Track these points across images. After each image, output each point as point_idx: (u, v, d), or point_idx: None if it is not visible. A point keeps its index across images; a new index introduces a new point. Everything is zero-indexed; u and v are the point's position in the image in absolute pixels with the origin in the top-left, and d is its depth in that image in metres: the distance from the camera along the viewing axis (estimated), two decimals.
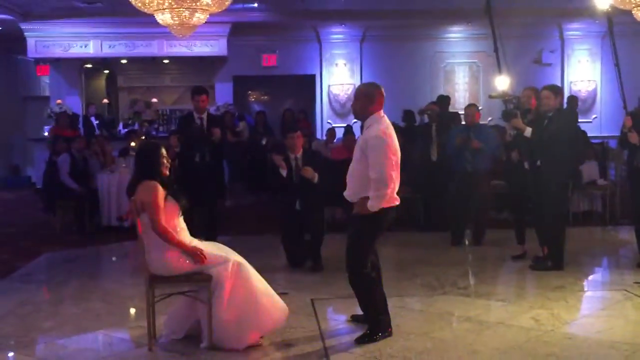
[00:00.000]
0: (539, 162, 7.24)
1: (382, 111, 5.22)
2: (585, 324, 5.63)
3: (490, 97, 8.37)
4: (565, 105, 8.46)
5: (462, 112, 13.10)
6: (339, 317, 5.87)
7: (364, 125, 5.23)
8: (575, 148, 7.66)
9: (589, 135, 11.83)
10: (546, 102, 7.23)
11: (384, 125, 5.14)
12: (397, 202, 5.21)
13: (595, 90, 16.06)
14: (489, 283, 6.90)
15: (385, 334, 5.21)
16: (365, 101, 5.20)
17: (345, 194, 5.27)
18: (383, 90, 5.29)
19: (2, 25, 14.71)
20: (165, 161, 5.19)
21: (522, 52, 14.72)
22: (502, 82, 7.79)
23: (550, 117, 7.18)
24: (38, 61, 15.59)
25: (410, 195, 10.47)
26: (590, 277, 7.34)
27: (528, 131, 7.16)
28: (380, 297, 5.31)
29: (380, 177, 4.98)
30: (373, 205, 5.02)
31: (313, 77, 16.01)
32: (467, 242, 8.93)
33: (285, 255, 7.73)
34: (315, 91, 16.06)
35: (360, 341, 5.10)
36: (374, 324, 5.23)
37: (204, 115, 8.44)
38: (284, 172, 7.55)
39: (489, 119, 14.30)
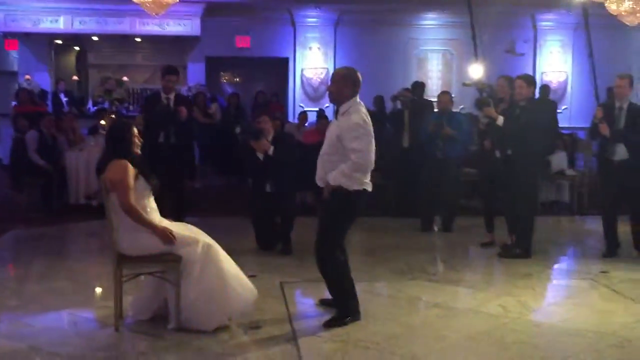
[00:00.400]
0: (509, 151, 7.28)
1: (357, 97, 5.18)
2: (552, 311, 5.68)
3: (464, 84, 8.41)
4: (537, 95, 8.52)
5: (435, 99, 13.21)
6: (308, 300, 5.87)
7: (339, 110, 5.14)
8: (548, 138, 7.70)
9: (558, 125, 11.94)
10: (519, 91, 7.26)
11: (364, 112, 5.10)
12: (370, 189, 5.17)
13: (565, 81, 16.21)
14: (457, 270, 6.94)
15: (354, 319, 5.20)
16: (343, 84, 5.13)
17: (316, 178, 5.24)
18: (360, 76, 5.24)
19: None
20: (136, 140, 5.12)
21: (496, 41, 14.78)
22: (476, 71, 7.82)
23: (522, 107, 7.22)
24: (6, 35, 15.29)
25: (381, 182, 10.49)
26: (557, 266, 7.41)
27: (500, 120, 7.19)
28: (349, 281, 5.29)
29: (363, 162, 4.98)
30: (337, 179, 4.99)
31: (286, 60, 15.94)
32: (436, 229, 8.97)
33: (254, 238, 7.69)
34: (289, 74, 15.99)
35: (329, 325, 5.10)
36: (343, 308, 5.22)
37: (171, 96, 8.22)
38: (261, 156, 7.50)
39: (461, 106, 14.33)
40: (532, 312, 5.58)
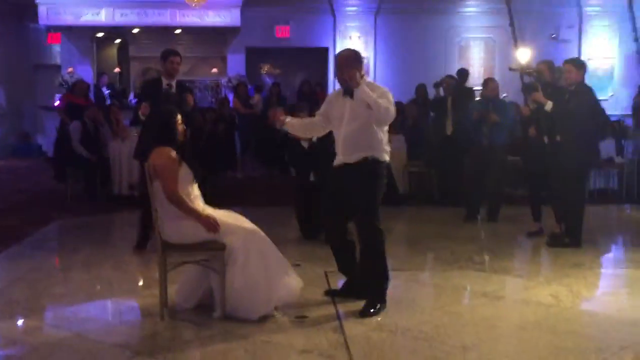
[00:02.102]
0: (558, 137, 7.09)
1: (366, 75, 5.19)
2: (605, 301, 5.52)
3: (510, 69, 8.19)
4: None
5: (477, 87, 13.00)
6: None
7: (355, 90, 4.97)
8: (597, 124, 7.48)
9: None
10: (567, 75, 7.06)
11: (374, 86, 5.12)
12: (388, 159, 5.16)
13: (612, 68, 15.82)
14: (505, 259, 6.79)
15: (384, 305, 5.09)
16: (354, 65, 5.04)
17: (342, 158, 5.12)
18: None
19: None
20: (180, 128, 5.08)
21: (540, 28, 14.52)
22: (523, 55, 7.63)
23: (572, 92, 7.02)
24: (49, 29, 15.45)
25: (423, 170, 10.40)
26: (609, 255, 7.22)
27: (549, 105, 6.99)
28: (385, 260, 5.17)
29: (392, 111, 4.95)
30: (372, 98, 4.88)
31: (326, 49, 15.83)
32: (480, 218, 8.80)
33: (298, 227, 7.63)
34: (328, 64, 15.88)
35: (366, 314, 4.97)
36: (379, 292, 5.11)
37: (173, 82, 7.33)
38: (306, 144, 7.43)
39: (504, 94, 14.09)
40: (584, 301, 5.43)
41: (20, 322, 5.01)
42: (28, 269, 6.37)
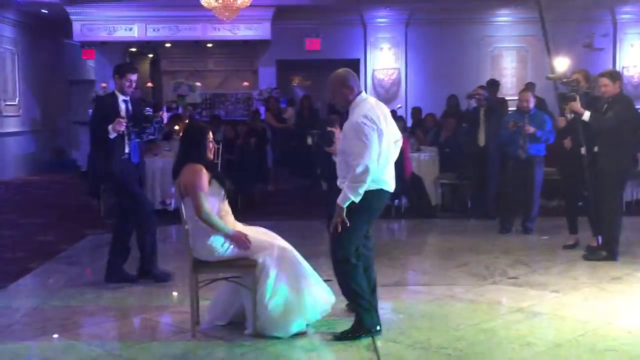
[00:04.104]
0: (596, 149, 6.97)
1: (363, 92, 4.92)
2: None
3: (548, 78, 8.05)
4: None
5: (509, 98, 12.85)
6: (386, 305, 5.67)
7: (350, 111, 4.83)
8: (635, 134, 7.34)
9: None
10: (604, 89, 6.95)
11: (366, 108, 4.76)
12: (390, 188, 4.88)
13: None
14: (540, 273, 6.67)
15: (370, 334, 4.83)
16: (340, 87, 4.84)
17: (338, 181, 4.93)
18: (350, 71, 4.97)
19: (48, 9, 14.83)
20: (210, 145, 5.08)
21: (573, 36, 14.31)
22: (561, 64, 7.50)
23: (609, 102, 6.90)
24: (83, 45, 15.66)
25: (456, 182, 10.30)
26: None
27: (586, 115, 6.87)
28: (363, 291, 4.87)
29: (363, 167, 4.59)
30: (342, 199, 4.65)
31: (357, 61, 15.79)
32: (515, 230, 8.67)
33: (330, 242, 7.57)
34: (360, 76, 15.79)
35: (339, 338, 4.81)
36: (357, 321, 4.88)
37: (128, 98, 6.58)
38: (337, 159, 7.37)
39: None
40: (623, 317, 5.30)
41: (54, 339, 5.03)
42: (62, 285, 6.43)
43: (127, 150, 6.44)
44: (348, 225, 4.70)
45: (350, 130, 4.71)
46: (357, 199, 4.65)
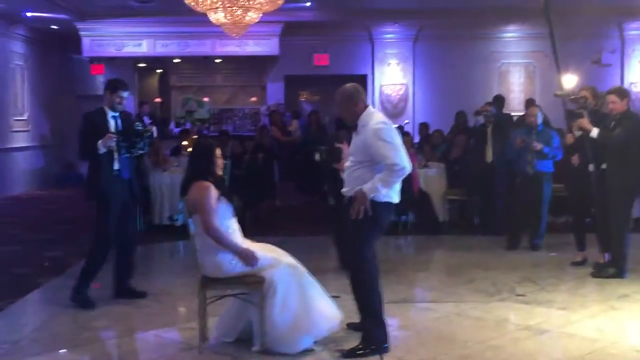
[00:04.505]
0: (604, 165, 6.97)
1: (370, 106, 5.03)
2: None
3: (556, 95, 8.08)
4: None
5: (516, 113, 12.86)
6: (393, 321, 5.66)
7: (359, 125, 4.94)
8: None
9: None
10: (612, 107, 6.96)
11: (381, 115, 4.98)
12: (397, 201, 4.96)
13: None
14: (548, 290, 6.66)
15: (380, 350, 4.83)
16: (350, 103, 4.95)
17: (345, 191, 5.04)
18: (358, 85, 5.09)
19: (58, 24, 14.95)
20: (219, 161, 5.12)
21: (581, 53, 14.31)
22: (569, 81, 7.52)
23: (617, 119, 6.91)
24: (92, 60, 15.76)
25: (464, 198, 10.31)
26: None
27: (594, 132, 6.88)
28: (378, 303, 4.94)
29: (399, 164, 4.72)
30: (374, 188, 4.74)
31: (365, 77, 15.86)
32: (522, 247, 8.65)
33: (337, 258, 7.58)
34: (367, 91, 15.89)
35: (348, 355, 4.81)
36: (368, 336, 4.89)
37: (117, 114, 6.49)
38: (344, 175, 7.40)
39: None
40: (631, 336, 5.30)
41: (62, 355, 5.05)
42: (70, 300, 6.44)
43: (116, 167, 6.34)
44: (370, 214, 4.77)
45: (371, 137, 4.80)
46: (384, 191, 4.75)
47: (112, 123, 6.39)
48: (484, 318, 5.76)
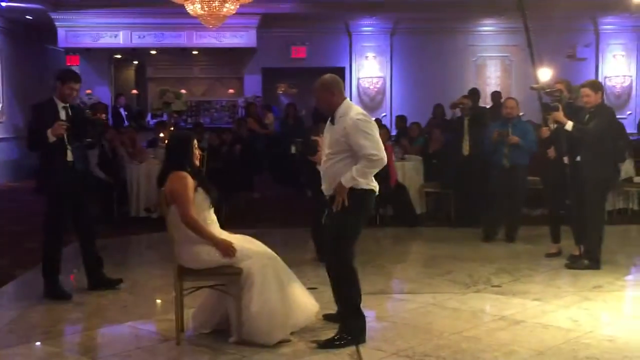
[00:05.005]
0: (578, 158, 7.04)
1: (347, 99, 5.07)
2: (626, 325, 5.41)
3: (532, 88, 8.13)
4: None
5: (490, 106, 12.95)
6: (370, 313, 5.67)
7: (336, 116, 4.97)
8: (617, 144, 7.42)
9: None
10: (587, 100, 7.02)
11: (359, 108, 5.02)
12: (377, 190, 4.98)
13: (630, 86, 15.76)
14: (523, 281, 6.72)
15: (356, 340, 4.86)
16: (329, 94, 4.98)
17: (323, 188, 5.06)
18: (336, 77, 5.12)
19: (33, 14, 14.77)
20: (196, 152, 5.10)
21: (556, 47, 14.43)
22: (545, 74, 7.58)
23: (591, 113, 6.98)
24: (68, 51, 15.63)
25: (440, 190, 10.36)
26: (629, 277, 7.09)
27: (569, 125, 6.94)
28: (358, 295, 4.97)
29: (376, 154, 4.77)
30: (351, 179, 4.77)
31: (343, 69, 15.87)
32: (498, 239, 8.72)
33: (314, 249, 7.60)
34: (345, 84, 15.87)
35: (325, 346, 4.82)
36: (346, 326, 4.91)
37: (68, 105, 6.35)
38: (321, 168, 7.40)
39: (521, 113, 14.05)
40: (605, 325, 5.36)
41: (38, 347, 5.02)
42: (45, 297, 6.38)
43: (70, 158, 6.22)
44: (347, 205, 4.81)
45: (350, 127, 4.83)
46: (362, 180, 4.79)
47: (62, 114, 6.26)
48: (460, 309, 5.80)
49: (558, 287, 6.57)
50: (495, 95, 13.38)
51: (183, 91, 16.51)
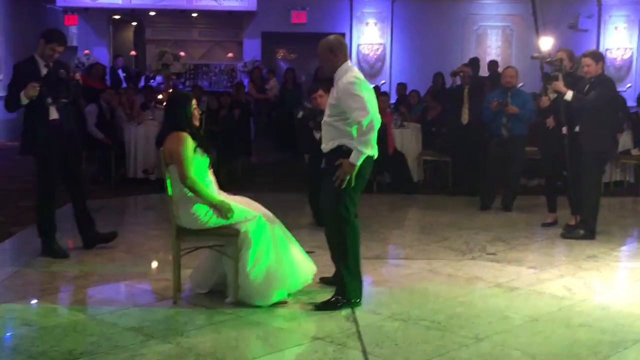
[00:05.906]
0: (577, 128, 7.04)
1: (349, 61, 5.03)
2: (619, 295, 5.47)
3: (532, 57, 8.10)
4: None
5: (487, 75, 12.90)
6: (366, 278, 5.71)
7: (335, 78, 4.96)
8: (616, 116, 7.41)
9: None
10: (587, 70, 6.99)
11: (355, 71, 4.97)
12: (375, 155, 4.93)
13: (631, 58, 15.70)
14: (519, 250, 6.75)
15: (353, 303, 4.89)
16: (330, 55, 4.96)
17: (323, 146, 5.03)
18: (341, 38, 5.10)
19: None
20: (195, 112, 5.08)
21: (559, 17, 14.38)
22: (546, 43, 7.54)
23: (591, 83, 6.96)
24: (66, 10, 15.49)
25: (438, 158, 10.37)
26: (623, 248, 7.13)
27: (569, 94, 6.92)
28: (357, 257, 5.01)
29: (365, 115, 4.71)
30: (360, 152, 4.75)
31: (343, 35, 15.72)
32: (495, 208, 8.75)
33: (312, 214, 7.62)
34: None
35: (321, 307, 4.85)
36: (343, 288, 4.92)
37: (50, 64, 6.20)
38: (318, 134, 7.40)
39: (521, 84, 14.02)
40: (598, 294, 5.40)
41: (34, 303, 5.05)
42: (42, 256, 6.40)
43: (55, 116, 6.09)
44: (353, 185, 4.81)
45: (342, 91, 4.81)
46: (368, 151, 4.77)
47: (44, 72, 6.12)
48: (455, 275, 5.84)
49: (553, 256, 6.61)
50: (492, 65, 13.32)
51: (182, 53, 16.47)
